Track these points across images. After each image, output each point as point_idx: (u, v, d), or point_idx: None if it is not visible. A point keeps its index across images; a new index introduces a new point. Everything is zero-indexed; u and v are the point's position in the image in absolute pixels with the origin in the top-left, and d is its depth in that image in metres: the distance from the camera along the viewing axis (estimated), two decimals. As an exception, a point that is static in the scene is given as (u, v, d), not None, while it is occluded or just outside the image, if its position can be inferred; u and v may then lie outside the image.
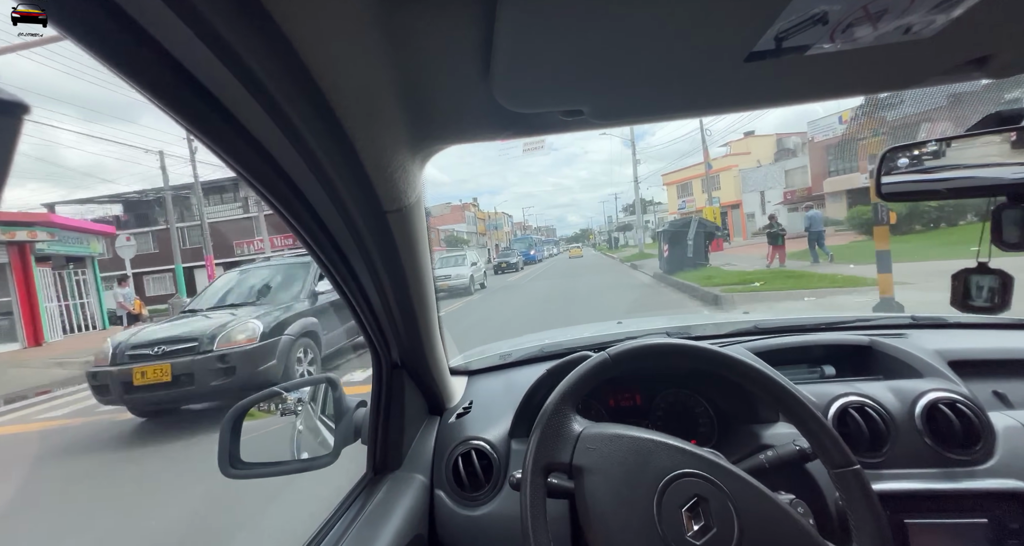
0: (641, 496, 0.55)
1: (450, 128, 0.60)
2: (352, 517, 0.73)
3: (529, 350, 1.19)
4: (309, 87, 0.39)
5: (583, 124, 0.59)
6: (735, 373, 0.64)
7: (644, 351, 0.64)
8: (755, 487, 0.57)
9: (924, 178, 0.75)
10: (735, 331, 1.16)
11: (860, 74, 0.53)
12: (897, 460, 0.78)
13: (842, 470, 0.57)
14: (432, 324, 0.84)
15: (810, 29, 0.41)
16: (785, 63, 0.47)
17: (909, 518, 0.74)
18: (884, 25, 0.41)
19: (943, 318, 1.13)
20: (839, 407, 0.82)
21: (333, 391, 0.87)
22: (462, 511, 0.83)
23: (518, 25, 0.38)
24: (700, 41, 0.43)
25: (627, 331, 1.31)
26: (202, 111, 0.37)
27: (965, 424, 0.77)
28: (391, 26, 0.40)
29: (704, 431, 0.91)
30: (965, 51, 0.50)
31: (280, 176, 0.47)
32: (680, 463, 0.57)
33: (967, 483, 0.74)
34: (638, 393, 0.97)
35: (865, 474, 0.56)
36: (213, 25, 0.29)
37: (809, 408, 0.60)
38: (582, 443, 0.59)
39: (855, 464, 0.57)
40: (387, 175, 0.55)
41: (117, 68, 0.30)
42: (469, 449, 0.87)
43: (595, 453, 0.58)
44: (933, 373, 0.87)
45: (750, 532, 0.54)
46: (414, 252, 0.68)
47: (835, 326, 1.13)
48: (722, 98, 0.57)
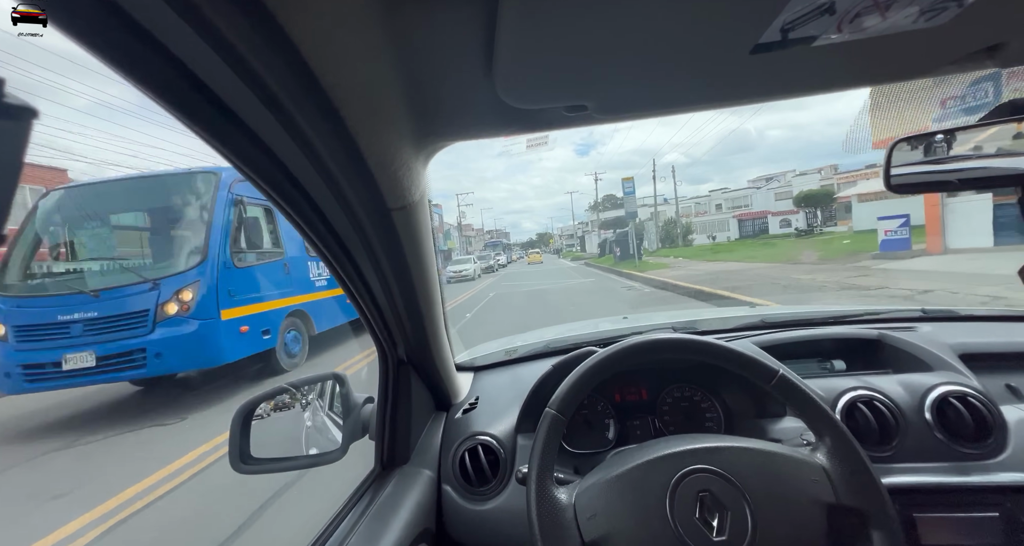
0: (659, 528, 0.55)
1: (454, 125, 0.59)
2: (361, 511, 0.74)
3: (534, 346, 1.20)
4: (312, 84, 0.39)
5: (587, 119, 0.59)
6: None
7: (575, 386, 0.64)
8: (739, 447, 0.59)
9: (935, 169, 0.74)
10: (742, 325, 1.15)
11: (868, 65, 0.52)
12: (906, 454, 0.78)
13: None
14: (437, 320, 0.85)
15: (817, 19, 0.40)
16: (792, 54, 0.46)
17: (918, 512, 0.74)
18: (893, 14, 0.40)
19: (954, 311, 1.11)
20: (847, 401, 0.82)
21: (340, 387, 0.88)
22: (469, 505, 0.84)
23: (521, 20, 0.38)
24: (705, 33, 0.42)
25: (632, 326, 1.31)
26: (205, 109, 0.37)
27: (976, 418, 0.77)
28: (394, 23, 0.40)
29: (711, 425, 0.91)
30: (976, 39, 0.49)
31: (284, 174, 0.47)
32: (671, 469, 0.57)
33: (978, 477, 0.74)
34: (644, 387, 0.97)
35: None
36: (215, 23, 0.29)
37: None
38: (581, 515, 0.57)
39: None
40: (391, 172, 0.55)
41: (117, 66, 0.30)
42: (476, 444, 0.88)
43: (599, 518, 0.57)
44: (943, 366, 0.86)
45: (755, 494, 0.55)
46: (419, 249, 0.69)
47: (843, 319, 1.12)
48: (727, 91, 0.56)
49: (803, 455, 0.59)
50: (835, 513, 0.55)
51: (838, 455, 0.58)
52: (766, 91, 0.58)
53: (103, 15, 0.28)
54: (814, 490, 0.56)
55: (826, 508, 0.55)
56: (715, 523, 0.54)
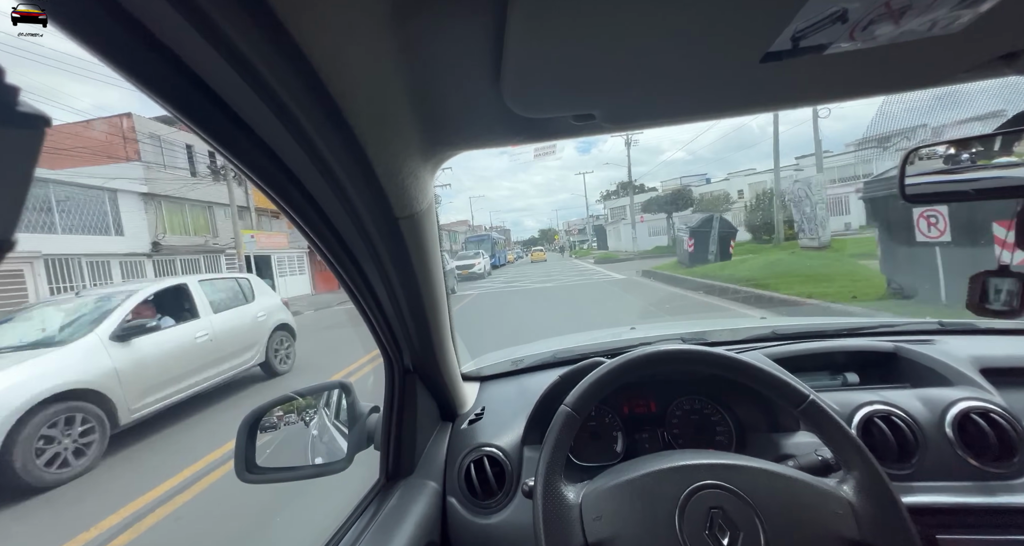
0: (666, 538, 0.54)
1: (461, 134, 0.60)
2: (365, 523, 0.73)
3: (541, 356, 1.18)
4: (321, 93, 0.39)
5: (595, 128, 0.59)
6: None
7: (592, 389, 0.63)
8: (759, 469, 0.57)
9: (950, 178, 0.72)
10: (752, 337, 1.13)
11: (881, 73, 0.51)
12: (927, 472, 0.75)
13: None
14: (444, 330, 0.84)
15: (829, 28, 0.40)
16: (803, 63, 0.46)
17: (941, 533, 0.71)
18: (907, 21, 0.40)
19: (973, 324, 1.08)
20: (864, 416, 0.80)
21: (346, 396, 0.87)
22: (475, 519, 0.83)
23: (529, 30, 0.38)
24: (714, 42, 0.42)
25: (640, 337, 1.29)
26: (215, 117, 0.37)
27: (1000, 435, 0.74)
28: (402, 33, 0.40)
29: (722, 439, 0.89)
30: (993, 47, 0.48)
31: (293, 182, 0.48)
32: (684, 481, 0.56)
33: (1004, 498, 0.71)
34: (653, 400, 0.95)
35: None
36: (226, 32, 0.30)
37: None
38: (586, 515, 0.57)
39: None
40: (398, 181, 0.55)
41: (132, 75, 0.30)
42: (481, 456, 0.86)
43: (604, 521, 0.56)
44: (964, 381, 0.83)
45: (771, 518, 0.53)
46: (425, 258, 0.68)
47: (857, 332, 1.09)
48: (737, 100, 0.56)
49: (828, 486, 0.56)
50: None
51: (867, 491, 0.55)
52: (776, 100, 0.57)
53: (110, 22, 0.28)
54: (836, 523, 0.53)
55: (847, 543, 0.53)
56: (725, 542, 0.52)
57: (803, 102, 0.58)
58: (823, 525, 0.53)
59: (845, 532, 0.53)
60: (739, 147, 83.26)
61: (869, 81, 0.54)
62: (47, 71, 15.36)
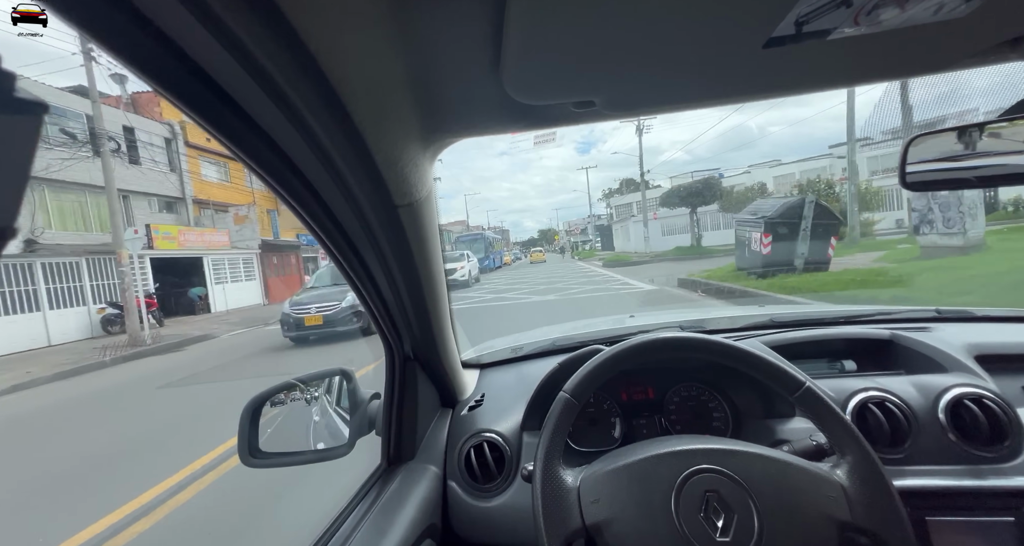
0: (662, 521, 0.55)
1: (461, 121, 0.59)
2: (367, 506, 0.75)
3: (541, 344, 1.19)
4: (319, 81, 0.39)
5: (595, 115, 0.58)
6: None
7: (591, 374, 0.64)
8: (754, 453, 0.58)
9: (952, 166, 0.72)
10: (750, 325, 1.14)
11: (886, 59, 0.51)
12: (919, 456, 0.76)
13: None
14: (444, 317, 0.85)
15: (832, 12, 0.39)
16: (806, 49, 0.45)
17: (931, 515, 0.72)
18: (911, 6, 0.39)
19: (969, 311, 1.09)
20: (858, 402, 0.81)
21: (348, 383, 0.88)
22: (475, 502, 0.84)
23: (529, 16, 0.38)
24: (717, 27, 0.41)
25: (639, 325, 1.30)
26: (213, 105, 0.37)
27: (992, 420, 0.75)
28: (402, 19, 0.39)
29: (718, 425, 0.91)
30: (1000, 31, 0.47)
31: (292, 171, 0.47)
32: (680, 465, 0.57)
33: (994, 481, 0.72)
34: (651, 386, 0.96)
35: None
36: (223, 19, 0.29)
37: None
38: (584, 498, 0.58)
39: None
40: (398, 169, 0.55)
41: (126, 61, 0.30)
42: (481, 441, 0.88)
43: (602, 503, 0.57)
44: (958, 368, 0.84)
45: (765, 501, 0.54)
46: (425, 246, 0.69)
47: (854, 319, 1.10)
48: (740, 86, 0.55)
49: (822, 470, 0.57)
50: (847, 531, 0.54)
51: (860, 475, 0.56)
52: (779, 86, 0.57)
53: (112, 10, 0.28)
54: (829, 506, 0.55)
55: (839, 525, 0.54)
56: (720, 523, 0.54)
57: (806, 88, 0.58)
58: (816, 508, 0.54)
59: (837, 515, 0.54)
60: (739, 146, 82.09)
61: (872, 67, 0.53)
62: None
